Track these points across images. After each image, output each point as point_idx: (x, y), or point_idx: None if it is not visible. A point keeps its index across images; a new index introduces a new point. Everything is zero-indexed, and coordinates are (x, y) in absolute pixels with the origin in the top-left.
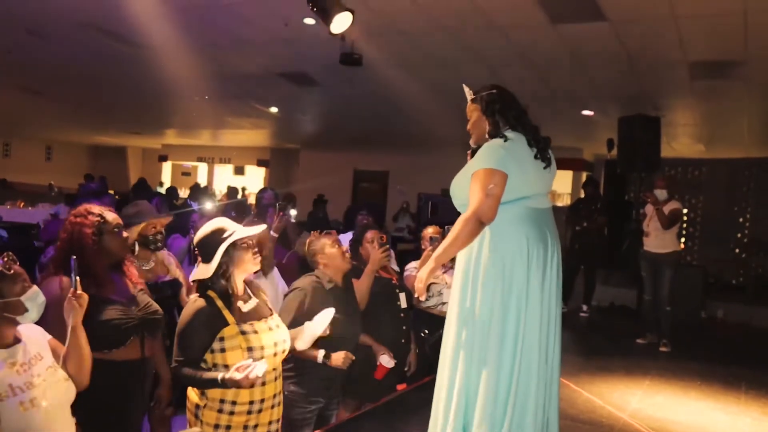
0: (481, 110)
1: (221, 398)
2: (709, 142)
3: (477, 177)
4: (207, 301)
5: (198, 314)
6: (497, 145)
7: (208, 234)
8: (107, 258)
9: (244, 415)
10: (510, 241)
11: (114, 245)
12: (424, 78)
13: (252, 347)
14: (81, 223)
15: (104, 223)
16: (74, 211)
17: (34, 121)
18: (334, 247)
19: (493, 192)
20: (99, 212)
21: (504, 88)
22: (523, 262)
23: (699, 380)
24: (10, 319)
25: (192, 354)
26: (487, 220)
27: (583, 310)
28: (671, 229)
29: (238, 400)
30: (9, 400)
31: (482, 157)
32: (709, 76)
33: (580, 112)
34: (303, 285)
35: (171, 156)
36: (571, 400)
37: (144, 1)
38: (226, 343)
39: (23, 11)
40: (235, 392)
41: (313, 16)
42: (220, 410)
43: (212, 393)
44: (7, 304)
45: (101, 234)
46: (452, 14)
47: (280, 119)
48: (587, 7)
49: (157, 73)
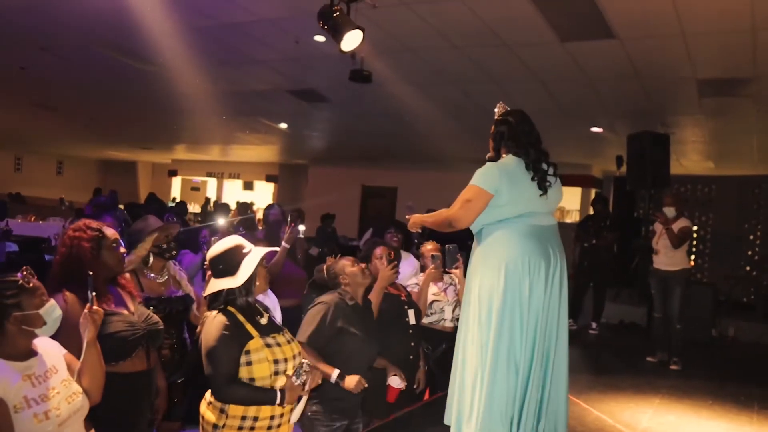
0: (500, 134)
1: (243, 415)
2: (718, 159)
3: (466, 189)
4: (227, 315)
5: (224, 328)
6: (491, 166)
7: (230, 249)
8: (105, 272)
9: (265, 430)
10: (512, 255)
11: (111, 260)
12: (433, 95)
13: (278, 359)
14: (79, 237)
15: (102, 238)
16: (73, 225)
17: (46, 135)
18: (354, 266)
19: (470, 207)
20: (97, 227)
21: (522, 117)
22: (524, 275)
23: (710, 399)
24: (29, 332)
25: (230, 369)
26: (457, 226)
27: (592, 327)
28: (681, 247)
29: (260, 415)
30: (24, 412)
31: (476, 175)
32: (718, 94)
33: (589, 128)
34: (327, 300)
35: (180, 171)
36: (581, 418)
37: (156, 20)
38: (253, 356)
39: (37, 28)
40: (256, 408)
41: (323, 34)
42: (240, 428)
43: (233, 411)
44: (27, 317)
45: (99, 249)
46: (462, 32)
47: (289, 135)
48: (596, 25)
49: (168, 90)
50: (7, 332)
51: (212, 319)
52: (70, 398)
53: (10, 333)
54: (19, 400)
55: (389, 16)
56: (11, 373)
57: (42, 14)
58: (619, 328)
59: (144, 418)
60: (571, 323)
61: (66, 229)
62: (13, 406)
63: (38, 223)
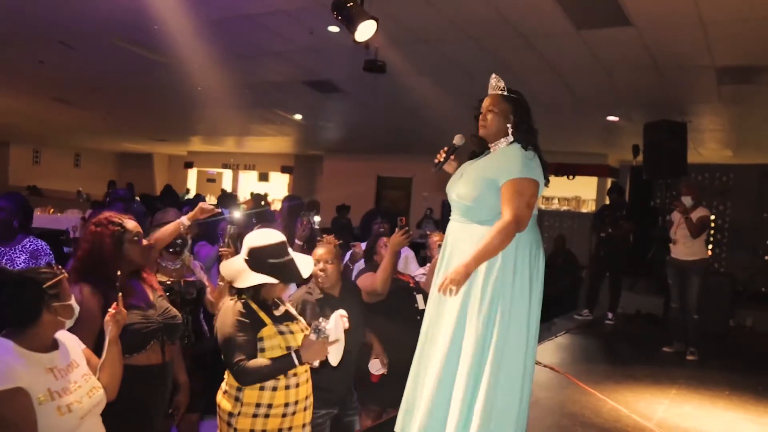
0: (511, 111)
1: (257, 402)
2: (737, 147)
3: (518, 185)
4: (243, 303)
5: (240, 315)
6: (531, 155)
7: (274, 245)
8: (127, 266)
9: (279, 418)
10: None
11: (134, 253)
12: (447, 85)
13: (290, 347)
14: (101, 232)
15: (124, 232)
16: (94, 220)
17: (64, 129)
18: (318, 263)
19: (532, 203)
20: (119, 221)
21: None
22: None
23: (728, 390)
24: (60, 323)
25: (248, 350)
26: (523, 230)
27: (608, 317)
28: (699, 237)
29: (274, 402)
30: (47, 404)
31: (521, 165)
32: (737, 81)
33: (605, 117)
34: (295, 297)
35: (196, 163)
36: (596, 408)
37: (173, 14)
38: (266, 343)
39: (55, 22)
40: (270, 395)
41: (337, 24)
42: (255, 415)
43: (248, 398)
44: (64, 308)
45: (121, 243)
46: (476, 22)
47: (304, 126)
48: (612, 13)
49: (183, 82)
50: (42, 322)
51: (228, 306)
52: (91, 392)
53: (45, 323)
54: (43, 392)
55: (403, 7)
56: (36, 364)
57: (60, 8)
58: (636, 318)
59: (158, 411)
60: (587, 313)
61: (88, 223)
62: (37, 398)
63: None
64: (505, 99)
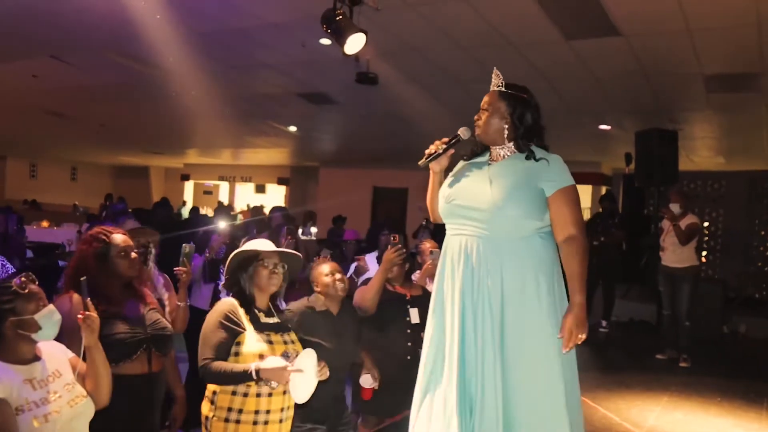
0: (507, 110)
1: (229, 407)
2: (728, 154)
3: (572, 193)
4: (231, 307)
5: (221, 316)
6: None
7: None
8: (117, 279)
9: (250, 425)
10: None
11: (122, 267)
12: (440, 95)
13: (264, 356)
14: (85, 250)
15: (108, 248)
16: (84, 236)
17: (60, 142)
18: (330, 276)
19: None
20: (104, 238)
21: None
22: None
23: (719, 396)
24: (26, 337)
25: (218, 350)
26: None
27: (602, 325)
28: (689, 244)
29: (244, 408)
30: (24, 415)
31: (567, 173)
32: (726, 89)
33: (597, 126)
34: (294, 307)
35: (193, 175)
36: (588, 416)
37: (165, 26)
38: (242, 348)
39: (47, 36)
40: (241, 401)
41: (328, 37)
42: (226, 419)
43: (221, 401)
44: (22, 322)
45: (105, 259)
46: (466, 33)
47: (299, 138)
48: (600, 23)
49: (178, 95)
50: (4, 336)
51: (218, 307)
52: (73, 402)
53: (8, 337)
54: (20, 402)
55: (393, 18)
56: (13, 375)
57: (52, 22)
58: (629, 326)
59: (145, 422)
60: None
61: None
62: (15, 409)
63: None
64: (502, 96)
